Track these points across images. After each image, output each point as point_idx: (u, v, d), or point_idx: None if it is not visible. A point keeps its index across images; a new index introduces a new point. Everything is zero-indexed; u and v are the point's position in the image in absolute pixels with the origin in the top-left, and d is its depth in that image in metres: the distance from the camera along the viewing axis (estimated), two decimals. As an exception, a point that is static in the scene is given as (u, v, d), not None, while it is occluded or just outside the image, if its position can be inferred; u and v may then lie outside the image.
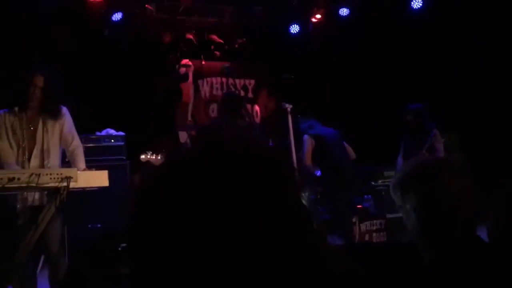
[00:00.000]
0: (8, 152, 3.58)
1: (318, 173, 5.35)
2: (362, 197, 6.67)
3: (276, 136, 6.39)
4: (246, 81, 8.15)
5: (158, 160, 5.24)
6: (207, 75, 7.89)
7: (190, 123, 7.40)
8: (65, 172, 3.25)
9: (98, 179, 3.45)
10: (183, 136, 7.14)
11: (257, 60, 7.87)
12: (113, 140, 5.90)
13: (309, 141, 5.35)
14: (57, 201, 3.21)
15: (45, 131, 3.65)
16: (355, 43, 7.48)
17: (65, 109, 3.83)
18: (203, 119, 7.76)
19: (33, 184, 3.14)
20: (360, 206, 6.53)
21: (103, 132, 5.94)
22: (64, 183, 3.19)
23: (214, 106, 7.84)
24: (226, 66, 7.45)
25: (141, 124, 6.56)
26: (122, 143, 5.91)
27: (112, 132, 5.96)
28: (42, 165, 3.59)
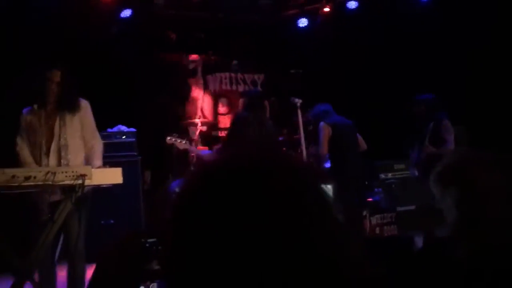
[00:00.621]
0: (28, 152, 3.62)
1: (328, 165, 5.29)
2: (373, 191, 6.66)
3: (286, 131, 6.41)
4: (255, 76, 8.15)
5: (182, 144, 5.32)
6: (216, 70, 7.91)
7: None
8: (80, 170, 3.28)
9: (112, 176, 3.48)
10: (193, 132, 7.17)
11: (266, 55, 7.87)
12: (125, 136, 5.95)
13: (326, 129, 5.20)
14: (73, 199, 3.25)
15: (63, 125, 3.64)
16: (364, 36, 7.45)
17: (86, 102, 3.82)
18: (212, 114, 7.79)
19: (49, 182, 3.18)
20: (371, 200, 6.53)
21: (115, 129, 5.98)
22: (79, 181, 3.23)
23: (223, 101, 7.87)
24: (236, 63, 7.45)
25: (152, 120, 6.60)
26: (134, 139, 5.95)
27: (124, 129, 6.00)
28: (60, 160, 3.59)
